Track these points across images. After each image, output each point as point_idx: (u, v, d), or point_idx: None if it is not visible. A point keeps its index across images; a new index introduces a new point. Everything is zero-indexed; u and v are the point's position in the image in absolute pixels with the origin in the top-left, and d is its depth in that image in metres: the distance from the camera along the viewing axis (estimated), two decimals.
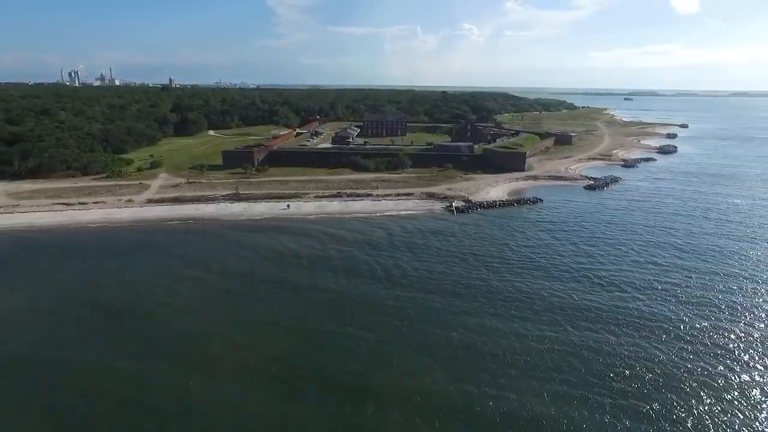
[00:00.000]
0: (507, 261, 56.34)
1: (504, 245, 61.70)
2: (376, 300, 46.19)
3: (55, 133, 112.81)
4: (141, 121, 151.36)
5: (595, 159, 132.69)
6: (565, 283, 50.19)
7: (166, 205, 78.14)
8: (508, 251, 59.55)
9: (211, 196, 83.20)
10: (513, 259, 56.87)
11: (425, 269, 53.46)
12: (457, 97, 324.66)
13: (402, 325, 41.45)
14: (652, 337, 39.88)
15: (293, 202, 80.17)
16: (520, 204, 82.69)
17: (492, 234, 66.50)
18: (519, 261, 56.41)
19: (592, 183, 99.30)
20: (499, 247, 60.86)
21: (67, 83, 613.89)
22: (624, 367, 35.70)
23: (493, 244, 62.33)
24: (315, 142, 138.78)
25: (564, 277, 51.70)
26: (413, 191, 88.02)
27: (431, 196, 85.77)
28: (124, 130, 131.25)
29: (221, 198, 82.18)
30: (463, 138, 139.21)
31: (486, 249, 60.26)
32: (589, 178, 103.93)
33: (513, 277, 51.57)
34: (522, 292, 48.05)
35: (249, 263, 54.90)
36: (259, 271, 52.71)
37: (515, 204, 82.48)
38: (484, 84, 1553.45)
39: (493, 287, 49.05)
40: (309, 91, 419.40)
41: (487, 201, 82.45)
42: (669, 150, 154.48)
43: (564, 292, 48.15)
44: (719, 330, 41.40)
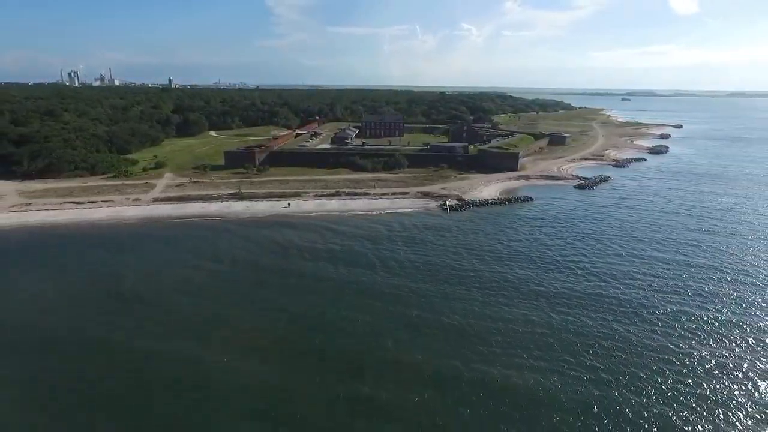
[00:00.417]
0: (497, 253, 60.01)
1: (494, 239, 65.39)
2: (373, 287, 49.97)
3: (62, 135, 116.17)
4: (144, 123, 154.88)
5: (587, 159, 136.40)
6: (550, 273, 53.94)
7: (172, 204, 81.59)
8: (498, 245, 63.24)
9: (215, 195, 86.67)
10: (502, 252, 60.54)
11: (419, 261, 57.18)
12: (455, 98, 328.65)
13: (396, 310, 45.14)
14: (625, 320, 43.58)
15: (293, 200, 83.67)
16: (511, 202, 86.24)
17: (483, 230, 70.13)
18: (508, 253, 60.09)
19: (582, 182, 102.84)
20: (490, 241, 64.54)
21: (67, 83, 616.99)
22: (597, 346, 39.38)
23: (484, 238, 66.00)
24: (314, 142, 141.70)
25: (549, 268, 55.43)
26: (409, 190, 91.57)
27: (426, 194, 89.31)
28: (127, 131, 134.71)
29: (224, 197, 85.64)
30: (460, 138, 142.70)
31: (477, 243, 63.94)
32: (580, 177, 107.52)
33: (501, 268, 55.26)
34: (509, 281, 51.76)
35: (256, 255, 58.72)
36: (266, 262, 56.53)
37: (506, 202, 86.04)
38: (483, 84, 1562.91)
39: (483, 277, 52.78)
40: (308, 92, 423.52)
41: (480, 199, 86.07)
42: (660, 150, 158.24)
43: (548, 281, 51.85)
44: (686, 314, 45.09)
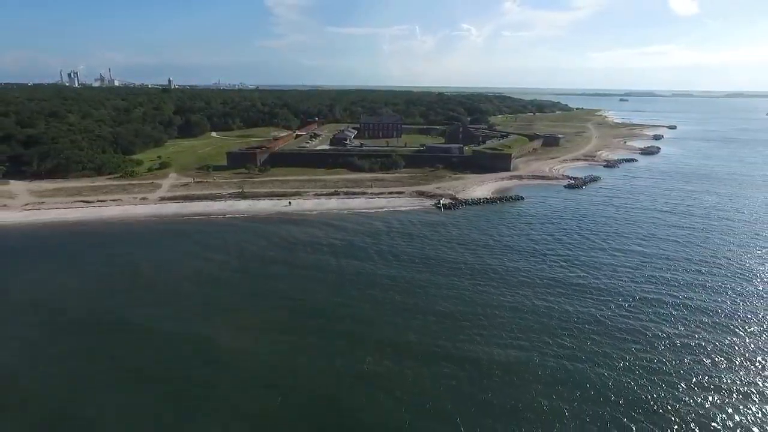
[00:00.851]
0: (487, 247, 63.81)
1: (485, 235, 69.20)
2: (371, 277, 53.99)
3: (68, 136, 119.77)
4: (147, 124, 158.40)
5: (579, 160, 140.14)
6: (536, 265, 57.80)
7: (178, 203, 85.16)
8: (488, 239, 67.04)
9: (219, 194, 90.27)
10: (493, 246, 64.34)
11: (415, 254, 61.07)
12: (453, 99, 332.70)
13: (393, 297, 49.02)
14: (602, 307, 47.37)
15: (294, 199, 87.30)
16: (503, 201, 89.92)
17: (475, 226, 73.90)
18: (498, 248, 63.88)
19: (572, 182, 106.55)
20: (481, 236, 68.34)
21: (67, 84, 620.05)
22: (575, 329, 43.11)
23: (476, 234, 69.80)
24: (314, 143, 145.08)
25: (536, 261, 59.26)
26: (405, 190, 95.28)
27: (421, 194, 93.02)
28: (131, 132, 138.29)
29: (228, 196, 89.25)
30: (456, 140, 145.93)
31: (469, 238, 67.77)
32: (570, 177, 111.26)
33: (491, 260, 59.11)
34: (498, 272, 55.58)
35: (261, 249, 62.71)
36: (271, 255, 60.59)
37: (498, 201, 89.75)
38: (482, 84, 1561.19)
39: (474, 268, 56.65)
40: (308, 93, 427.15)
41: (473, 198, 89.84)
42: (652, 151, 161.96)
43: (534, 272, 55.64)
44: (658, 301, 48.86)
